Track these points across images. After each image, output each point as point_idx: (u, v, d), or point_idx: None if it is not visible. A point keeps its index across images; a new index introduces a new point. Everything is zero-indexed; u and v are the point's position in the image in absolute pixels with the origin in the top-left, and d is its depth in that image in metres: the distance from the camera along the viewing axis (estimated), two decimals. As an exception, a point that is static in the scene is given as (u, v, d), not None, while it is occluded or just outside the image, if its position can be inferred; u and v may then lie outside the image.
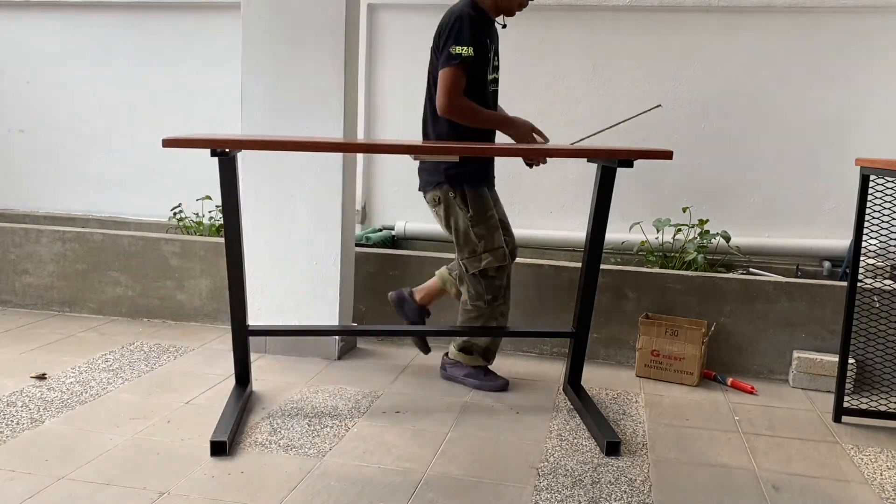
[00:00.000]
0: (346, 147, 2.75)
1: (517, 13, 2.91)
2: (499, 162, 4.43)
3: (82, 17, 4.88)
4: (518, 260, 3.54)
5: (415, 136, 4.49)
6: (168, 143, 2.25)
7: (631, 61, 4.26)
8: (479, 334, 3.11)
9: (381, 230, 4.55)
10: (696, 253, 3.77)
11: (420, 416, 2.71)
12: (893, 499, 2.24)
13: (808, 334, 3.23)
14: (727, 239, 3.88)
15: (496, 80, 2.97)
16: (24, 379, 2.92)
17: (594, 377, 3.18)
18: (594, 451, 2.48)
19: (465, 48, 2.71)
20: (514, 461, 2.37)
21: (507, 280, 2.97)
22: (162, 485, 2.13)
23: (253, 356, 3.15)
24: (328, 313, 3.28)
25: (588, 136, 3.05)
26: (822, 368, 3.14)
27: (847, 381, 2.94)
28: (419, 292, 3.14)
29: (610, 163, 2.57)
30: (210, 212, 4.45)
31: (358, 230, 4.53)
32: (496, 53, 2.94)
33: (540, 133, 2.91)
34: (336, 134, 3.16)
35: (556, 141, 4.34)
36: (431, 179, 2.91)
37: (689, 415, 2.83)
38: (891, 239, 2.94)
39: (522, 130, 2.86)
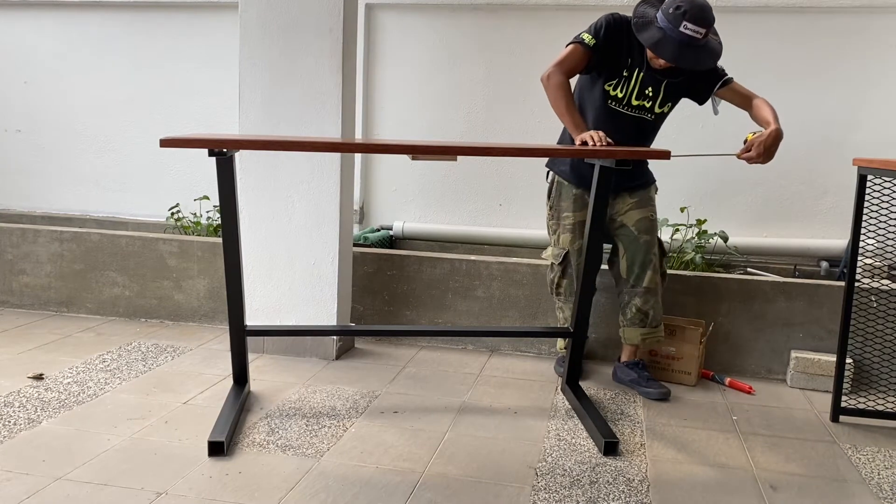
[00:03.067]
0: (345, 147, 2.75)
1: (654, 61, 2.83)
2: (498, 163, 4.46)
3: (80, 16, 4.88)
4: (517, 260, 3.55)
5: (412, 136, 4.51)
6: (165, 143, 2.25)
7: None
8: (482, 335, 3.10)
9: (379, 230, 4.55)
10: (693, 253, 3.77)
11: (418, 416, 2.71)
12: (891, 498, 2.24)
13: (806, 334, 3.24)
14: (725, 239, 3.89)
15: (627, 103, 2.90)
16: (21, 379, 2.91)
17: (592, 377, 3.18)
18: (592, 450, 2.48)
19: (588, 35, 2.82)
20: (513, 461, 2.37)
21: None
22: (159, 485, 2.13)
23: (251, 356, 3.14)
24: (326, 313, 3.28)
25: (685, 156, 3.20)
26: (820, 368, 3.14)
27: (845, 380, 2.95)
28: (623, 354, 3.17)
29: (608, 162, 2.57)
30: (208, 212, 4.45)
31: (356, 230, 4.54)
32: (640, 76, 2.86)
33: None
34: (334, 134, 3.16)
35: (554, 141, 4.35)
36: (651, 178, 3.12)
37: (687, 415, 2.84)
38: (888, 239, 2.95)
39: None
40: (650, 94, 2.89)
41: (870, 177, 2.74)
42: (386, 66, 4.53)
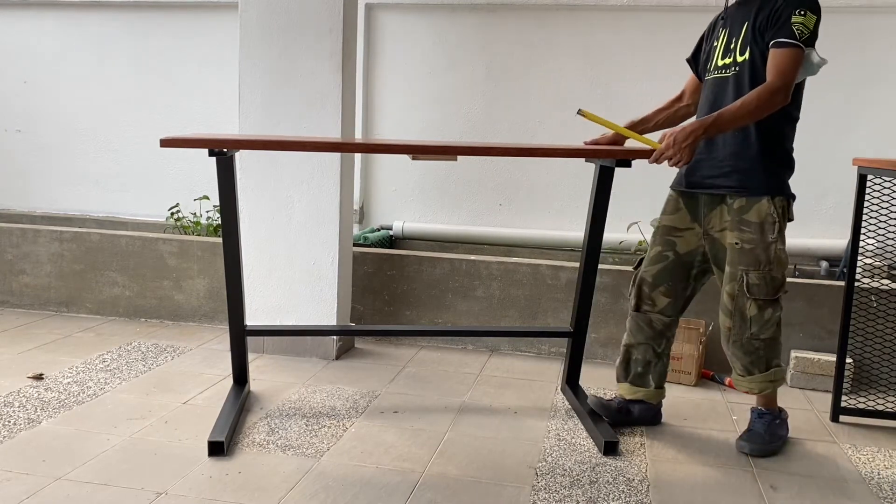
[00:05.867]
0: (346, 147, 2.75)
1: None
2: (498, 163, 4.46)
3: (79, 16, 4.88)
4: (517, 260, 3.55)
5: (412, 136, 4.51)
6: (166, 142, 2.25)
7: (629, 61, 4.26)
8: (482, 335, 3.10)
9: (378, 230, 4.55)
10: (693, 253, 3.76)
11: (418, 416, 2.71)
12: (891, 498, 2.24)
13: (806, 334, 3.24)
14: (725, 239, 3.88)
15: (715, 65, 2.49)
16: (21, 379, 2.91)
17: (592, 377, 3.18)
18: (592, 450, 2.48)
19: None
20: (513, 461, 2.37)
21: None
22: (160, 485, 2.13)
23: (251, 356, 3.14)
24: (326, 313, 3.28)
25: None
26: (820, 368, 3.14)
27: (845, 380, 2.94)
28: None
29: (608, 162, 2.57)
30: (207, 212, 4.45)
31: (356, 230, 4.54)
32: (726, 33, 2.47)
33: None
34: (333, 133, 3.16)
35: (554, 141, 4.35)
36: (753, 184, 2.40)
37: (687, 414, 2.84)
38: (888, 238, 2.94)
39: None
40: (735, 46, 2.41)
41: (870, 176, 2.74)
42: (386, 66, 4.53)
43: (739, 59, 2.39)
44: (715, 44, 2.52)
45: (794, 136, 2.47)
